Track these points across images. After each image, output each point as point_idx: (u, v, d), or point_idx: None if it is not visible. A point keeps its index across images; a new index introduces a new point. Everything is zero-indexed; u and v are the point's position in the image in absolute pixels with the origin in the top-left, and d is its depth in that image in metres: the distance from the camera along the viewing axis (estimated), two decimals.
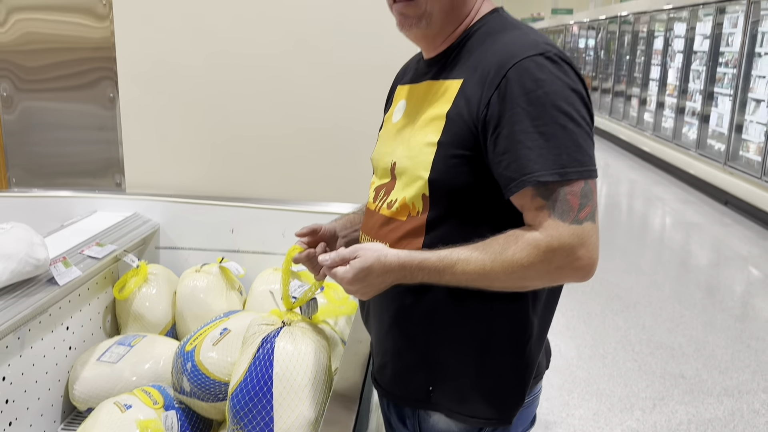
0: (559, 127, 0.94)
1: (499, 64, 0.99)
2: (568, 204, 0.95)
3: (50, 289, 1.65)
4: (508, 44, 1.02)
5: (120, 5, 2.16)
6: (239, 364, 1.30)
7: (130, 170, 2.28)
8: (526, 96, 0.95)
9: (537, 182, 0.94)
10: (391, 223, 1.10)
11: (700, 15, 7.89)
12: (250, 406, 1.24)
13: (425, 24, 1.07)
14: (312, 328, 1.35)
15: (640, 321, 3.80)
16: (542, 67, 0.96)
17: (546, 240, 0.95)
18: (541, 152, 0.94)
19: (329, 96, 2.18)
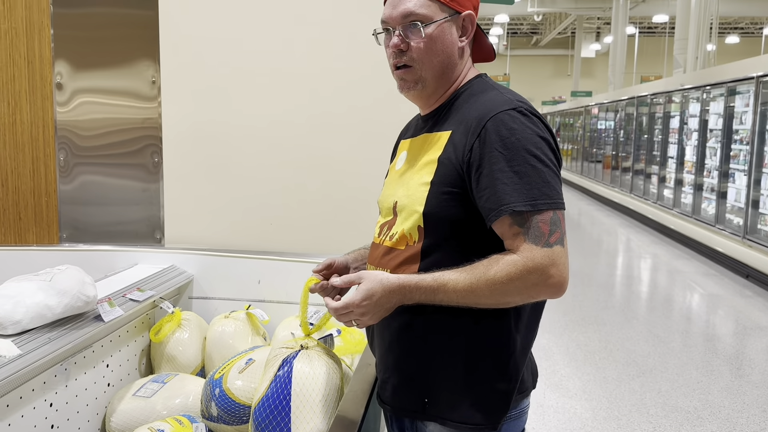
0: (530, 167, 1.14)
1: (479, 117, 1.20)
2: (539, 230, 1.13)
3: (96, 325, 1.85)
4: (487, 101, 1.24)
5: (167, 88, 2.46)
6: (262, 381, 1.46)
7: (170, 227, 2.52)
8: (502, 142, 1.16)
9: (513, 211, 1.13)
10: (391, 252, 1.28)
11: (713, 95, 8.17)
12: (270, 419, 1.39)
13: (421, 87, 1.29)
14: (326, 352, 1.52)
15: (656, 386, 3.84)
16: (515, 119, 1.17)
17: (522, 260, 1.12)
18: (515, 187, 1.13)
19: (348, 160, 2.42)
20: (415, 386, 1.26)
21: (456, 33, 1.29)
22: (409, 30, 1.26)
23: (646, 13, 19.02)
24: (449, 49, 1.28)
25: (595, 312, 5.36)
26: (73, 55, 2.51)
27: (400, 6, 1.26)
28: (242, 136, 2.46)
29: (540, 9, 19.54)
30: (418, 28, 1.25)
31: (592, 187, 14.38)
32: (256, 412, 1.42)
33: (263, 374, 1.49)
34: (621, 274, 7.21)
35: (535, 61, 28.98)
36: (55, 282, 1.77)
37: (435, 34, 1.26)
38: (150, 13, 2.47)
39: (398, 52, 1.28)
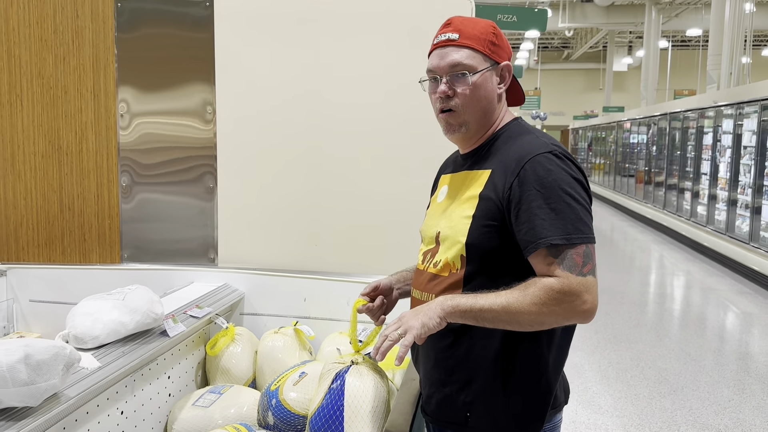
0: (565, 204, 1.28)
1: (518, 159, 1.35)
2: (573, 261, 1.26)
3: (161, 340, 2.03)
4: (524, 145, 1.38)
5: (222, 112, 2.66)
6: (317, 394, 1.62)
7: (223, 248, 2.70)
8: (540, 181, 1.30)
9: (549, 244, 1.26)
10: (436, 279, 1.43)
11: (747, 111, 8.15)
12: (325, 428, 1.55)
13: (465, 130, 1.44)
14: (375, 368, 1.67)
15: (687, 404, 3.89)
16: (551, 161, 1.32)
17: (559, 284, 1.25)
18: (552, 222, 1.27)
19: (384, 184, 2.57)
20: (457, 401, 1.39)
21: (496, 81, 1.44)
22: (456, 78, 1.41)
23: (680, 27, 18.91)
24: (490, 95, 1.43)
25: (627, 330, 5.41)
26: (134, 85, 2.72)
27: (448, 57, 1.41)
28: (290, 162, 2.64)
29: (571, 24, 19.57)
30: (465, 77, 1.40)
31: (624, 203, 14.32)
32: (312, 421, 1.57)
33: (318, 387, 1.64)
34: (653, 291, 7.22)
35: (567, 75, 28.90)
36: (127, 301, 1.96)
37: (478, 83, 1.41)
38: (207, 36, 2.66)
39: (445, 98, 1.42)
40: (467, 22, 1.43)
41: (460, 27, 1.42)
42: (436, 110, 1.46)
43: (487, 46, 1.41)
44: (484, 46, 1.41)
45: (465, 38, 1.41)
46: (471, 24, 1.43)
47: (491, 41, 1.42)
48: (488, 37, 1.42)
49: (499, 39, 1.43)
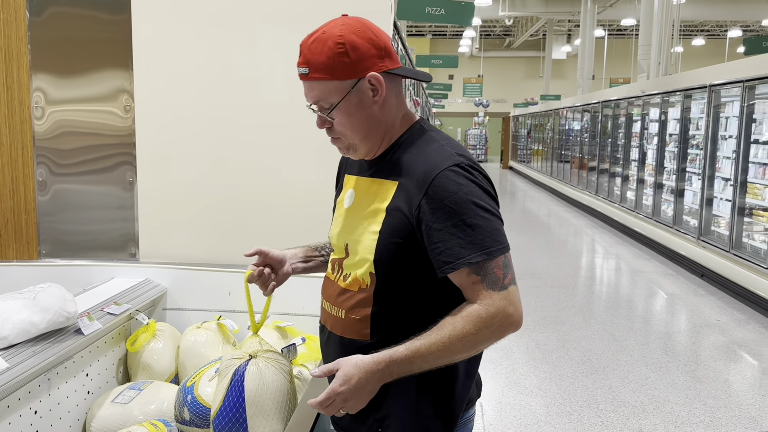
0: (480, 218, 1.26)
1: (426, 173, 1.29)
2: (495, 276, 1.25)
3: (76, 338, 2.02)
4: (430, 156, 1.32)
5: (141, 100, 2.62)
6: (217, 393, 1.63)
7: (144, 243, 2.68)
8: (450, 198, 1.26)
9: (470, 263, 1.24)
10: (345, 293, 1.38)
11: (672, 101, 8.50)
12: (228, 427, 1.56)
13: (353, 151, 1.40)
14: (274, 358, 1.65)
15: (607, 382, 4.09)
16: (459, 175, 1.28)
17: (485, 309, 1.25)
18: (469, 240, 1.25)
19: (312, 175, 2.60)
20: (370, 416, 1.37)
21: (369, 94, 1.33)
22: (323, 111, 1.35)
23: (615, 17, 19.46)
24: (367, 114, 1.35)
25: (556, 312, 5.62)
26: (49, 72, 2.64)
27: (309, 92, 1.35)
28: (213, 153, 2.63)
29: (511, 13, 19.87)
30: (331, 110, 1.34)
31: (561, 189, 14.73)
32: (215, 421, 1.59)
33: (218, 385, 1.64)
34: (583, 274, 7.50)
35: (508, 63, 29.37)
36: (38, 300, 1.93)
37: (347, 110, 1.33)
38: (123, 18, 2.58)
39: (326, 128, 1.38)
40: (314, 48, 1.31)
41: (308, 57, 1.32)
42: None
43: (340, 69, 1.30)
44: (336, 72, 1.30)
45: (314, 71, 1.31)
46: (318, 50, 1.31)
47: (342, 61, 1.30)
48: (337, 59, 1.30)
49: (354, 52, 1.30)
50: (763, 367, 4.50)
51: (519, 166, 22.11)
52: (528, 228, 10.61)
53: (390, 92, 1.36)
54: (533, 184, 18.07)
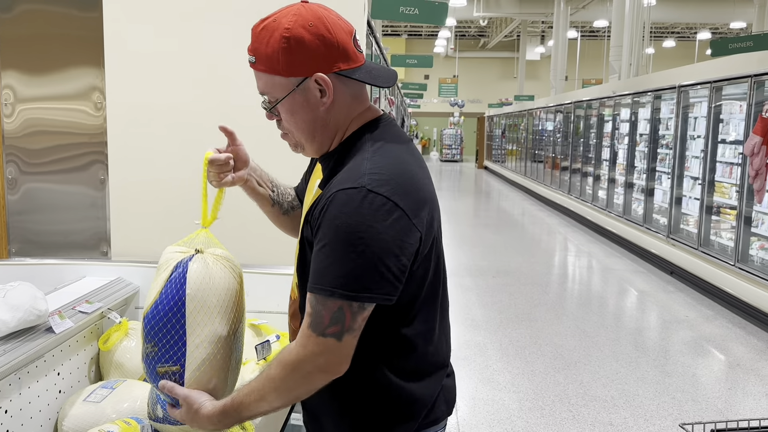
0: (342, 253, 1.10)
1: (330, 188, 1.17)
2: (321, 317, 1.12)
3: (47, 337, 2.00)
4: (345, 171, 1.19)
5: (112, 97, 2.61)
6: (152, 288, 1.43)
7: (116, 241, 2.67)
8: (331, 222, 1.12)
9: (312, 291, 1.13)
10: (291, 300, 1.38)
11: (642, 101, 8.66)
12: (163, 323, 1.37)
13: (301, 149, 1.33)
14: (225, 257, 1.50)
15: (578, 377, 4.16)
16: (350, 201, 1.11)
17: (296, 349, 1.16)
18: (324, 270, 1.12)
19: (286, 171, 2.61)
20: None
21: (316, 95, 1.22)
22: (268, 105, 1.28)
23: (588, 18, 19.73)
24: (313, 114, 1.24)
25: (529, 309, 5.69)
26: (19, 69, 2.62)
27: (257, 83, 1.27)
28: (187, 150, 2.62)
29: (485, 14, 20.04)
30: (275, 106, 1.26)
31: (535, 188, 14.89)
32: (146, 319, 1.40)
33: (154, 280, 1.45)
34: (556, 272, 7.60)
35: (483, 64, 29.60)
36: (8, 298, 1.91)
37: (290, 107, 1.24)
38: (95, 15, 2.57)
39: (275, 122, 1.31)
40: (261, 38, 1.21)
41: (256, 45, 1.22)
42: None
43: (284, 65, 1.19)
44: (279, 67, 1.19)
45: (259, 62, 1.22)
46: (264, 40, 1.20)
47: (287, 58, 1.18)
48: (282, 55, 1.18)
49: (300, 48, 1.17)
50: (730, 362, 4.62)
51: (494, 166, 22.30)
52: (502, 227, 10.72)
53: (342, 93, 1.24)
54: (508, 184, 18.24)
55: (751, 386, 4.16)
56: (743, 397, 4.01)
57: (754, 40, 8.05)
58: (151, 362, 1.40)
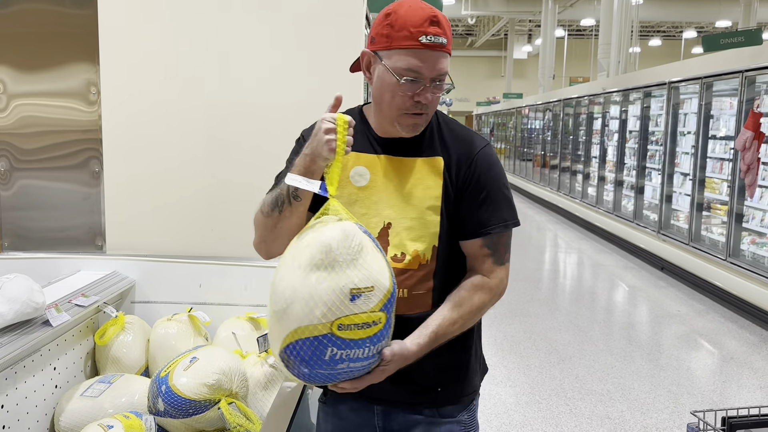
0: (503, 193, 1.42)
1: (468, 149, 1.42)
2: (499, 250, 1.40)
3: (44, 330, 1.96)
4: (464, 136, 1.44)
5: (107, 93, 2.57)
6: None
7: (111, 235, 2.62)
8: (488, 172, 1.41)
9: (489, 232, 1.39)
10: (405, 273, 1.39)
11: (631, 98, 8.70)
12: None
13: (421, 127, 1.41)
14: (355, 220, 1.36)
15: (574, 371, 4.16)
16: (492, 154, 1.45)
17: (495, 283, 1.40)
18: (495, 212, 1.39)
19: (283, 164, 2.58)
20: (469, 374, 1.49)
21: None
22: (437, 86, 1.36)
23: (575, 17, 19.80)
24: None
25: (522, 304, 5.69)
26: (12, 66, 2.58)
27: (439, 65, 1.34)
28: (182, 144, 2.59)
29: (473, 12, 20.05)
30: (443, 85, 1.37)
31: (524, 186, 14.92)
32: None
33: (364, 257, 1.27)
34: (548, 268, 7.61)
35: (471, 62, 29.63)
36: (4, 290, 1.87)
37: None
38: (89, 13, 2.54)
39: (421, 103, 1.35)
40: (446, 22, 1.35)
41: (446, 30, 1.34)
42: (401, 108, 1.36)
43: (451, 46, 1.37)
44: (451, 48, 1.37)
45: (449, 44, 1.35)
46: (447, 24, 1.35)
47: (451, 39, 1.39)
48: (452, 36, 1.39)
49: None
50: (723, 355, 4.64)
51: None
52: None
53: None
54: None
55: (745, 379, 4.18)
56: (738, 389, 4.03)
57: (745, 35, 8.10)
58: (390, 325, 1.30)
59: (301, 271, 1.21)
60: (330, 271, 1.19)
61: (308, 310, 1.17)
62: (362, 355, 1.21)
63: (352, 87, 2.53)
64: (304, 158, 1.33)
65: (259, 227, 1.46)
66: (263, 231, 1.44)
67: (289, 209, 1.36)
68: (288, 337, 1.20)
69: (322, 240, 1.21)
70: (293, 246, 1.27)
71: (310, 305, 1.17)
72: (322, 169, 1.31)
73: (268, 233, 1.42)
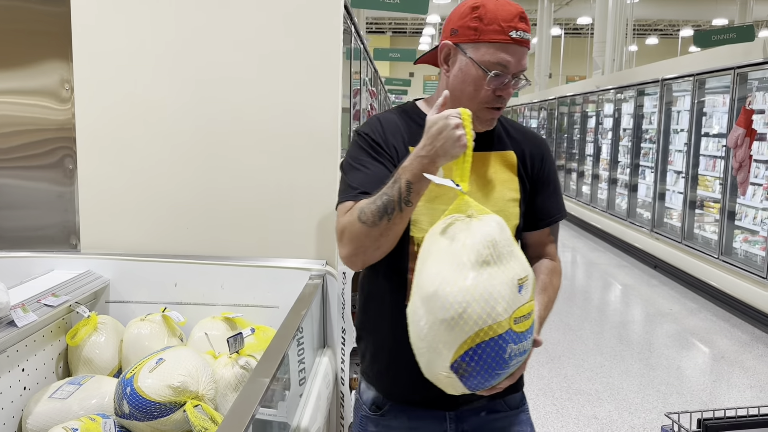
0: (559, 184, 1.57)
1: (536, 142, 1.51)
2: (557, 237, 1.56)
3: (9, 331, 1.91)
4: (528, 131, 1.54)
5: (81, 91, 2.52)
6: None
7: (85, 233, 2.57)
8: (553, 165, 1.53)
9: (561, 219, 1.53)
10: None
11: (625, 96, 8.66)
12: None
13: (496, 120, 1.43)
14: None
15: (563, 371, 4.12)
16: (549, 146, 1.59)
17: (560, 266, 1.56)
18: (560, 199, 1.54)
19: (260, 161, 2.54)
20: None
21: None
22: (518, 81, 1.38)
23: (571, 15, 19.76)
24: None
25: None
26: None
27: (524, 60, 1.36)
28: (158, 142, 2.54)
29: None
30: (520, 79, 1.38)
31: None
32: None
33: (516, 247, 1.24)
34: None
35: None
36: None
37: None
38: (62, 10, 2.50)
39: (502, 97, 1.37)
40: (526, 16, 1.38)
41: (528, 24, 1.37)
42: (483, 101, 1.36)
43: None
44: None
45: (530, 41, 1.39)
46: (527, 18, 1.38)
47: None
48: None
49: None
50: (714, 354, 4.60)
51: None
52: None
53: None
54: None
55: (735, 378, 4.14)
56: (728, 389, 3.99)
57: (737, 31, 8.07)
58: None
59: (469, 270, 1.15)
60: (499, 264, 1.16)
61: (489, 308, 1.12)
62: (527, 347, 1.20)
63: (329, 84, 2.49)
64: (421, 161, 1.22)
65: (356, 239, 1.31)
66: (364, 242, 1.31)
67: (399, 216, 1.26)
68: (466, 343, 1.13)
69: (485, 235, 1.17)
70: (442, 250, 1.19)
71: (491, 303, 1.12)
72: (438, 170, 1.23)
73: (371, 243, 1.30)
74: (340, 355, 2.48)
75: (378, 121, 1.45)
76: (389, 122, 1.45)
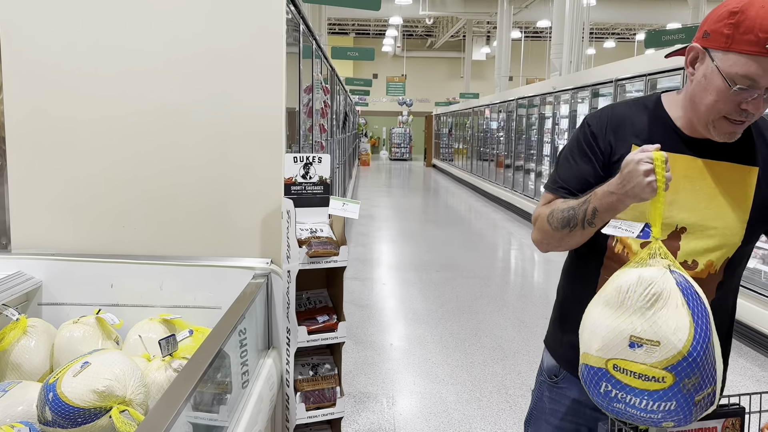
0: None
1: None
2: None
3: None
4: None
5: (9, 86, 2.41)
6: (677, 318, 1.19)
7: (16, 232, 2.46)
8: None
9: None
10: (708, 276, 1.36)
11: (581, 97, 8.77)
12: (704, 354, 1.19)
13: (740, 133, 1.32)
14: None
15: (517, 368, 4.13)
16: None
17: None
18: None
19: (200, 158, 2.46)
20: None
21: None
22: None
23: (531, 19, 20.01)
24: None
25: (471, 302, 5.65)
26: None
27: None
28: (91, 137, 2.45)
29: (431, 12, 20.10)
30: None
31: (481, 185, 14.99)
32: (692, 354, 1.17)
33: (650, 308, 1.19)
34: (499, 265, 7.61)
35: (430, 63, 29.71)
36: None
37: None
38: None
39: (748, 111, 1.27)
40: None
41: None
42: (722, 112, 1.28)
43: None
44: None
45: None
46: None
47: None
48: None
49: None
50: None
51: (442, 164, 22.40)
52: (448, 223, 10.72)
53: None
54: (455, 182, 18.32)
55: None
56: None
57: (686, 32, 8.26)
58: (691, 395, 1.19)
59: (597, 301, 1.25)
60: (615, 310, 1.20)
61: (589, 340, 1.22)
62: (639, 405, 1.19)
63: (273, 81, 2.44)
64: (610, 196, 1.25)
65: (543, 232, 1.47)
66: (548, 238, 1.46)
67: (580, 232, 1.35)
68: (581, 357, 1.25)
69: (619, 280, 1.23)
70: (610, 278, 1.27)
71: (592, 337, 1.22)
72: (626, 206, 1.25)
73: (554, 241, 1.44)
74: (285, 356, 2.42)
75: (608, 111, 1.42)
76: (617, 116, 1.43)
